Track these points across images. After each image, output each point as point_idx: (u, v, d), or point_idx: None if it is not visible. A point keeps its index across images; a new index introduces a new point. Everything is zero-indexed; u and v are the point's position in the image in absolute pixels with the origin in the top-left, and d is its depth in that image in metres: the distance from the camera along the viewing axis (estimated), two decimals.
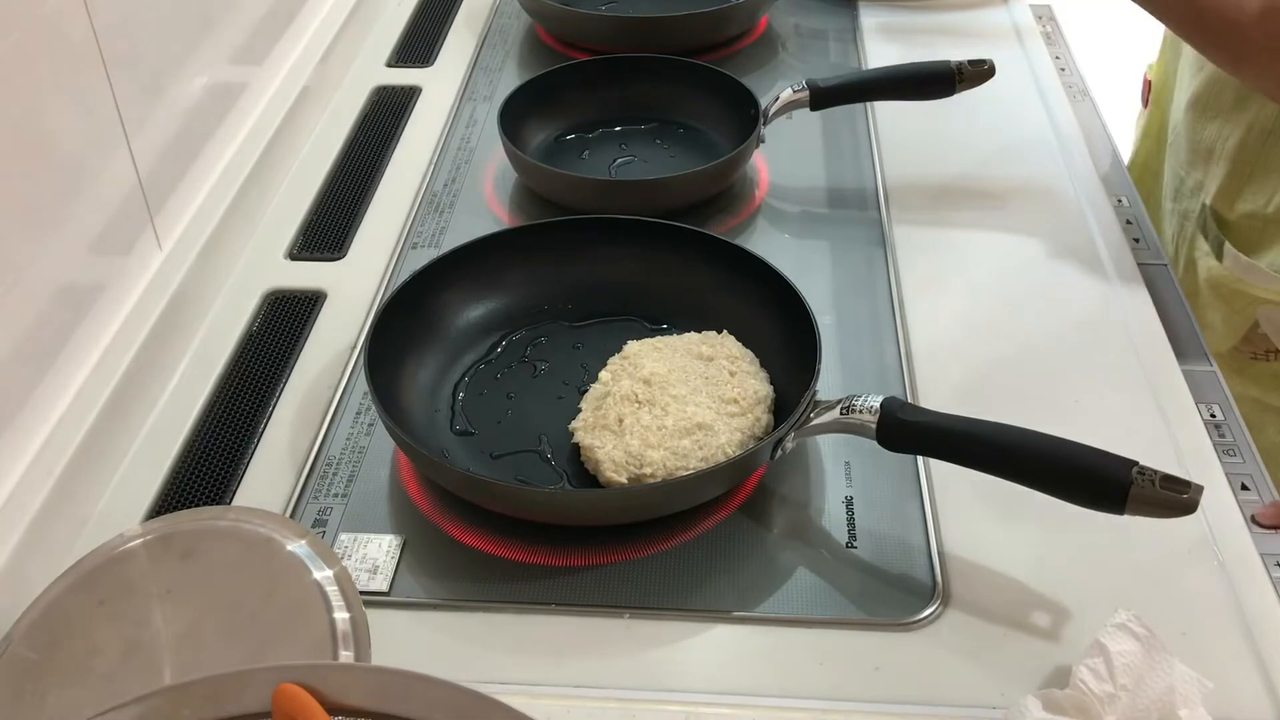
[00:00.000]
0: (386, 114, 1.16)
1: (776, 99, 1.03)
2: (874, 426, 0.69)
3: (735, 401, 0.77)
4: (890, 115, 1.12)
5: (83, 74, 0.80)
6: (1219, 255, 1.04)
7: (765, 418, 0.77)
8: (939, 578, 0.70)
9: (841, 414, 0.71)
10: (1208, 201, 1.05)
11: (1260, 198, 1.00)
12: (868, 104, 1.13)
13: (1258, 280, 1.01)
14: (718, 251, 0.88)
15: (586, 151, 1.08)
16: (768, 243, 0.98)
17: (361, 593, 0.69)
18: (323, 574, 0.64)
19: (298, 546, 0.65)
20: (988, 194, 1.02)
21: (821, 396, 0.73)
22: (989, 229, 0.98)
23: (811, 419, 0.72)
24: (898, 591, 0.69)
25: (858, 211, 1.02)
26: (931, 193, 1.03)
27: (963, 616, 0.68)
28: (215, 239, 0.93)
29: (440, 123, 1.14)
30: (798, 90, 1.03)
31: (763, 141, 1.03)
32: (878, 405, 0.69)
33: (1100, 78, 1.18)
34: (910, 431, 0.68)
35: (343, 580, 0.64)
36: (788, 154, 1.08)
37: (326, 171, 1.07)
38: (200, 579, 0.64)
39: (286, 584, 0.64)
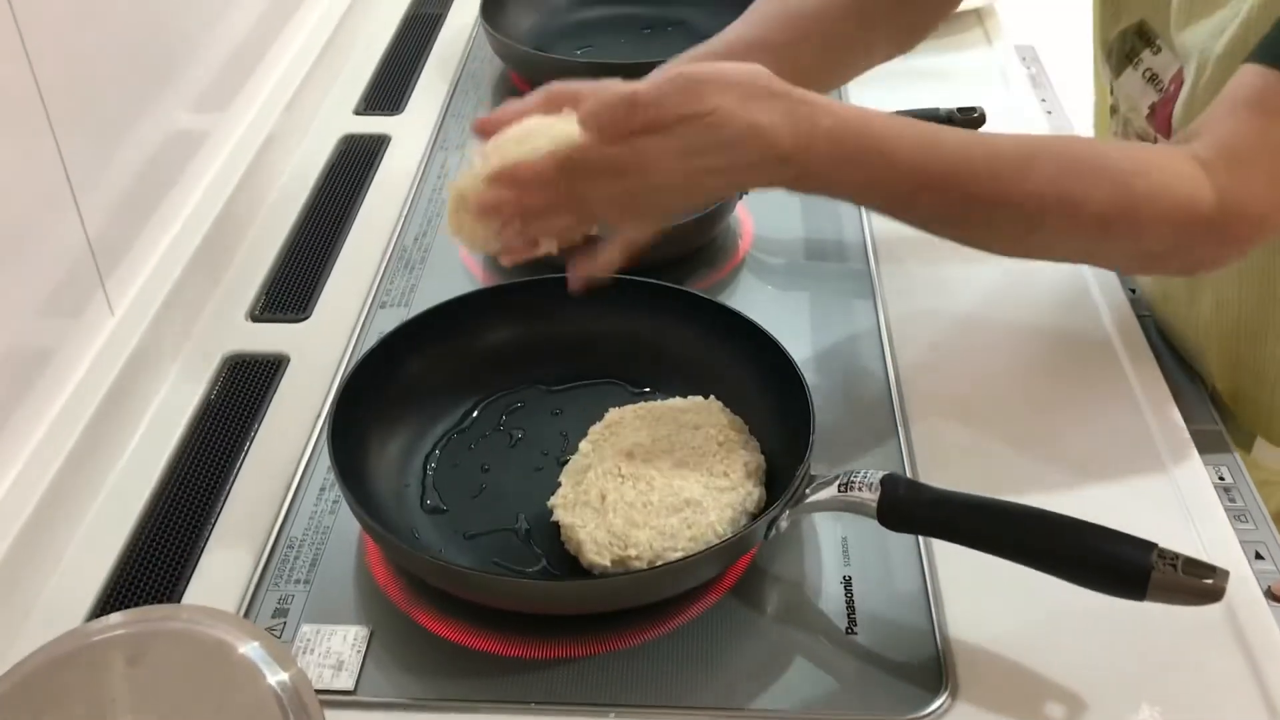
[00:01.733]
0: (354, 164, 1.11)
1: None
2: (874, 505, 0.65)
3: (725, 475, 0.72)
4: None
5: (26, 130, 0.75)
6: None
7: (757, 491, 0.73)
8: (945, 666, 0.65)
9: (840, 491, 0.66)
10: None
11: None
12: None
13: None
14: (702, 310, 0.84)
15: None
16: (753, 297, 0.94)
17: (325, 691, 0.65)
18: (277, 678, 0.59)
19: (250, 649, 0.60)
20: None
21: (816, 470, 0.69)
22: (983, 285, 0.94)
23: (807, 496, 0.68)
24: (901, 682, 0.65)
25: (845, 263, 0.98)
26: (921, 242, 0.98)
27: (972, 710, 0.63)
28: (172, 300, 0.88)
29: (410, 173, 1.10)
30: None
31: (746, 192, 0.99)
32: (878, 482, 0.65)
33: (1088, 121, 1.15)
34: (913, 511, 0.64)
35: (299, 684, 0.59)
36: (772, 205, 1.04)
37: (291, 225, 1.03)
38: (148, 688, 0.59)
39: (239, 691, 0.58)
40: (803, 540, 0.73)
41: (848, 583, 0.70)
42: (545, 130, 0.69)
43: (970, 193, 0.66)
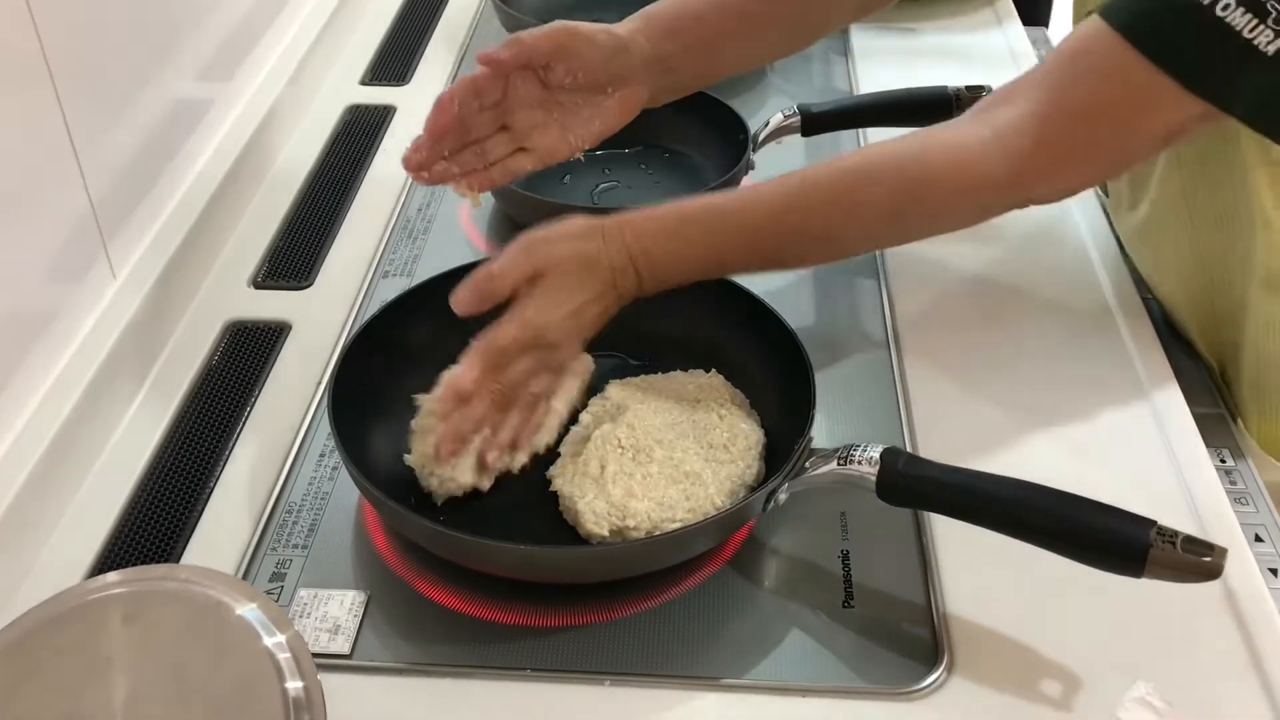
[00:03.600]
0: (359, 134, 1.11)
1: (766, 124, 0.99)
2: (873, 479, 0.65)
3: (725, 448, 0.72)
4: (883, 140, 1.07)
5: (31, 94, 0.75)
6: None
7: (756, 465, 0.72)
8: (942, 641, 0.65)
9: (839, 465, 0.66)
10: None
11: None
12: (860, 130, 1.09)
13: None
14: (704, 284, 0.83)
15: (568, 176, 1.03)
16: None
17: (321, 655, 0.65)
18: (274, 640, 0.59)
19: (248, 610, 0.60)
20: (987, 227, 0.98)
21: (817, 443, 0.69)
22: (989, 263, 0.93)
23: (807, 469, 0.67)
24: (898, 656, 0.65)
25: None
26: None
27: (967, 685, 0.63)
28: (174, 266, 0.88)
29: None
30: (789, 115, 0.99)
31: (752, 168, 0.98)
32: (877, 456, 0.65)
33: None
34: (912, 485, 0.64)
35: (296, 647, 0.59)
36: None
37: (295, 195, 1.03)
38: (144, 646, 0.59)
39: (236, 652, 0.58)
40: (801, 514, 0.73)
41: (845, 557, 0.70)
42: None
43: (774, 230, 0.73)
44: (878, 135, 1.07)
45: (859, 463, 0.65)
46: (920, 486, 0.64)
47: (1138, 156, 0.72)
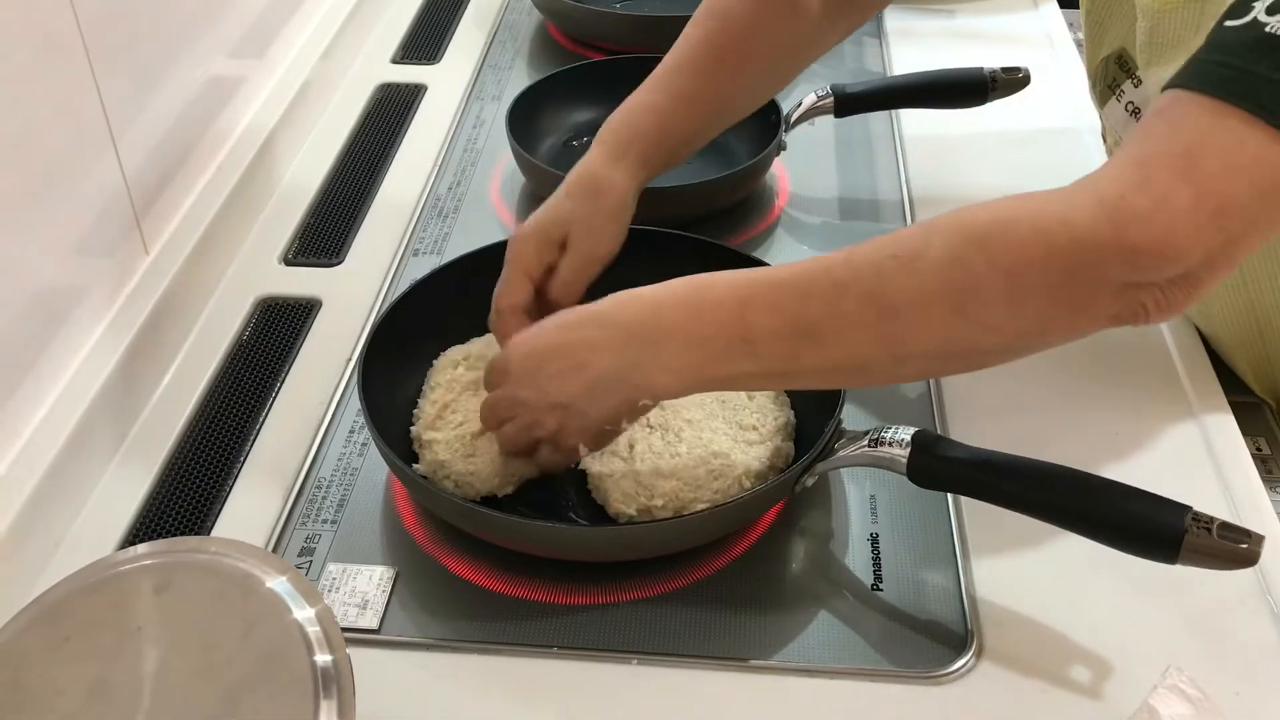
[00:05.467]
0: (390, 113, 1.11)
1: (799, 104, 0.98)
2: (905, 462, 0.64)
3: (754, 429, 0.72)
4: (916, 122, 1.07)
5: (66, 68, 0.75)
6: None
7: (785, 446, 0.72)
8: (971, 625, 0.64)
9: (870, 446, 0.65)
10: None
11: None
12: (895, 112, 1.08)
13: None
14: (735, 266, 0.83)
15: None
16: (788, 255, 0.94)
17: (349, 630, 0.65)
18: (303, 613, 0.59)
19: (278, 583, 0.60)
20: None
21: (847, 425, 0.68)
22: None
23: (836, 451, 0.67)
24: (927, 640, 0.64)
25: (883, 224, 0.97)
26: (962, 204, 0.98)
27: (997, 669, 0.62)
28: (205, 242, 0.88)
29: (446, 123, 1.09)
30: (822, 96, 0.98)
31: (784, 149, 0.98)
32: (909, 439, 0.64)
33: None
34: (944, 469, 0.63)
35: (325, 620, 0.59)
36: (810, 162, 1.03)
37: (325, 172, 1.03)
38: (174, 616, 0.59)
39: (265, 624, 0.59)
40: (830, 496, 0.72)
41: (875, 539, 0.70)
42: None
43: (798, 310, 0.58)
44: (912, 118, 1.06)
45: (890, 445, 0.65)
46: (952, 469, 0.63)
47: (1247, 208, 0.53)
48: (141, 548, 0.62)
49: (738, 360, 0.59)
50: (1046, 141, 1.04)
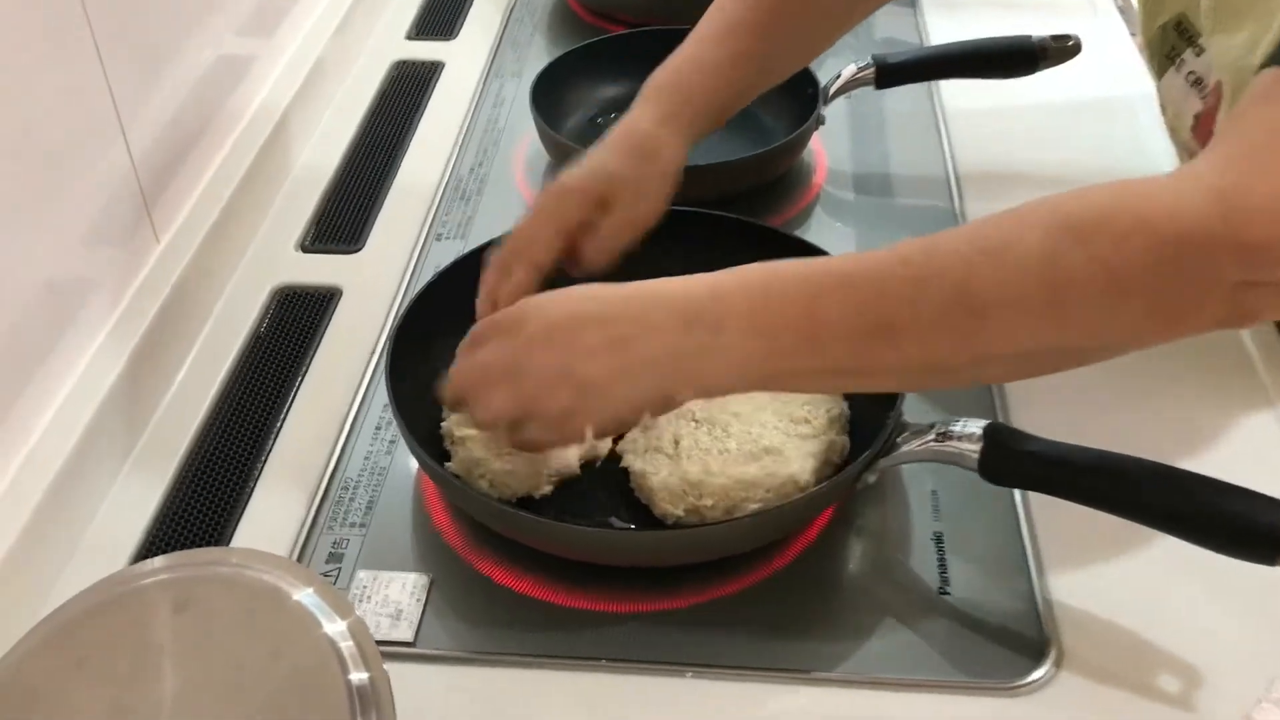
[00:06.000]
0: (407, 91, 1.06)
1: (838, 76, 0.94)
2: (976, 457, 0.60)
3: (806, 421, 0.68)
4: (958, 95, 1.02)
5: (70, 49, 0.71)
6: None
7: (840, 440, 0.68)
8: (1048, 632, 0.60)
9: (937, 441, 0.61)
10: None
11: None
12: (933, 82, 1.03)
13: None
14: (775, 245, 0.78)
15: None
16: (828, 235, 0.89)
17: (383, 643, 0.61)
18: (334, 627, 0.55)
19: (305, 595, 0.56)
20: (1074, 183, 0.92)
21: (908, 417, 0.64)
22: None
23: (899, 446, 0.63)
24: (1001, 648, 0.60)
25: (927, 200, 0.92)
26: (1009, 180, 0.93)
27: (1078, 680, 0.58)
28: (218, 229, 0.84)
29: (465, 101, 1.05)
30: (863, 67, 0.93)
31: (822, 123, 0.93)
32: (980, 432, 0.60)
33: None
34: (1020, 464, 0.59)
35: (358, 633, 0.55)
36: (848, 137, 0.98)
37: (341, 154, 0.98)
38: (198, 634, 0.55)
39: (294, 640, 0.55)
40: (889, 492, 0.68)
41: (939, 539, 0.65)
42: None
43: (873, 305, 0.53)
44: (953, 90, 1.01)
45: (959, 439, 0.60)
46: (1029, 465, 0.59)
47: None
48: (157, 561, 0.58)
49: (802, 355, 0.54)
50: (1097, 113, 1.00)
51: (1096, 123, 0.99)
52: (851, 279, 0.54)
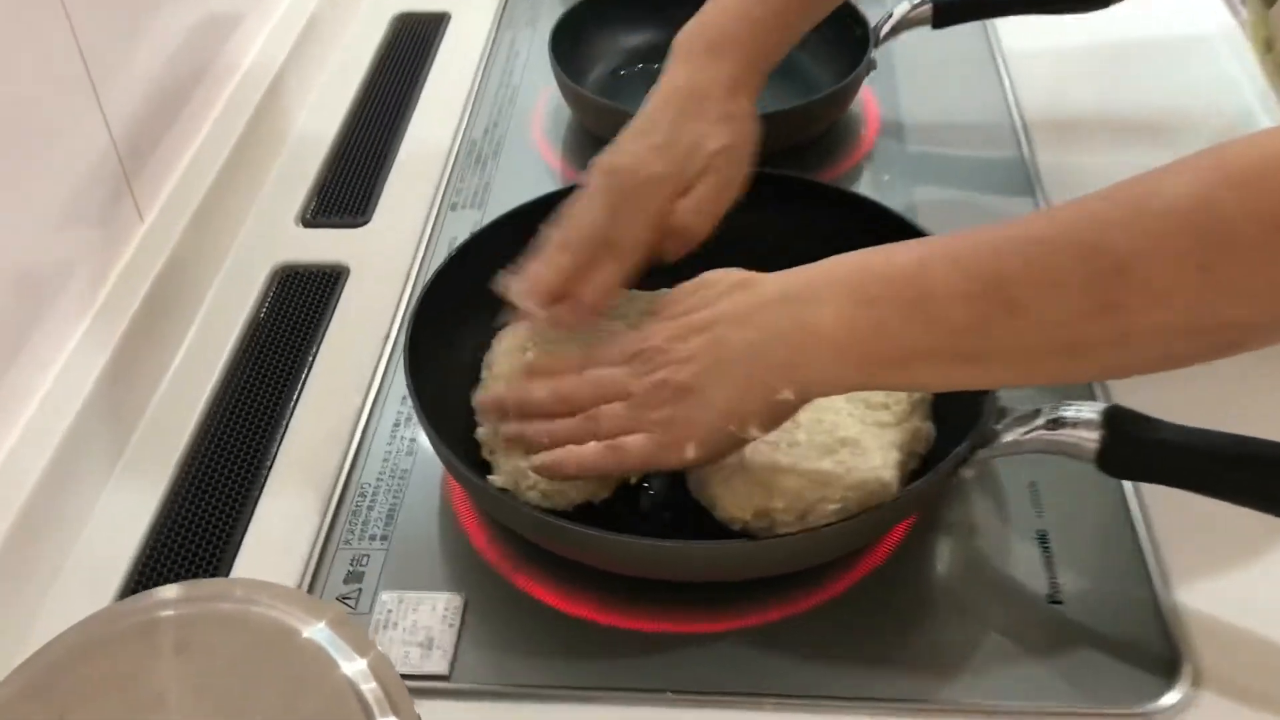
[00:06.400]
0: (411, 46, 0.98)
1: (890, 16, 0.85)
2: (1094, 447, 0.51)
3: (885, 407, 0.59)
4: (1017, 35, 0.93)
5: (37, 17, 0.62)
6: None
7: (925, 427, 0.60)
8: (1179, 647, 0.52)
9: (1048, 429, 0.53)
10: None
11: None
12: (989, 22, 0.94)
13: None
14: (830, 202, 0.70)
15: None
16: (884, 194, 0.80)
17: (413, 677, 0.53)
18: (353, 666, 0.47)
19: (316, 631, 0.48)
20: (1155, 129, 0.83)
21: (1004, 401, 0.56)
22: None
23: (1000, 435, 0.54)
24: (1126, 666, 0.52)
25: (993, 151, 0.84)
26: (1082, 127, 0.85)
27: (1222, 702, 0.50)
28: (210, 204, 0.76)
29: (475, 55, 0.96)
30: (917, 4, 0.84)
31: (873, 68, 0.84)
32: (1099, 418, 0.52)
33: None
34: (1150, 456, 0.51)
35: (380, 672, 0.47)
36: (903, 83, 0.89)
37: (342, 118, 0.90)
38: (199, 680, 0.47)
39: (309, 684, 0.47)
40: (980, 484, 0.60)
41: (1043, 539, 0.57)
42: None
43: (991, 266, 0.45)
44: (1011, 30, 0.92)
45: (1075, 426, 0.52)
46: (1160, 456, 0.51)
47: None
48: (155, 595, 0.50)
49: (911, 330, 0.46)
50: (1173, 52, 0.91)
51: (1171, 63, 0.90)
52: (961, 243, 0.46)
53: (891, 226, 0.66)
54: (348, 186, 0.83)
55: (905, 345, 0.47)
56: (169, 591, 0.50)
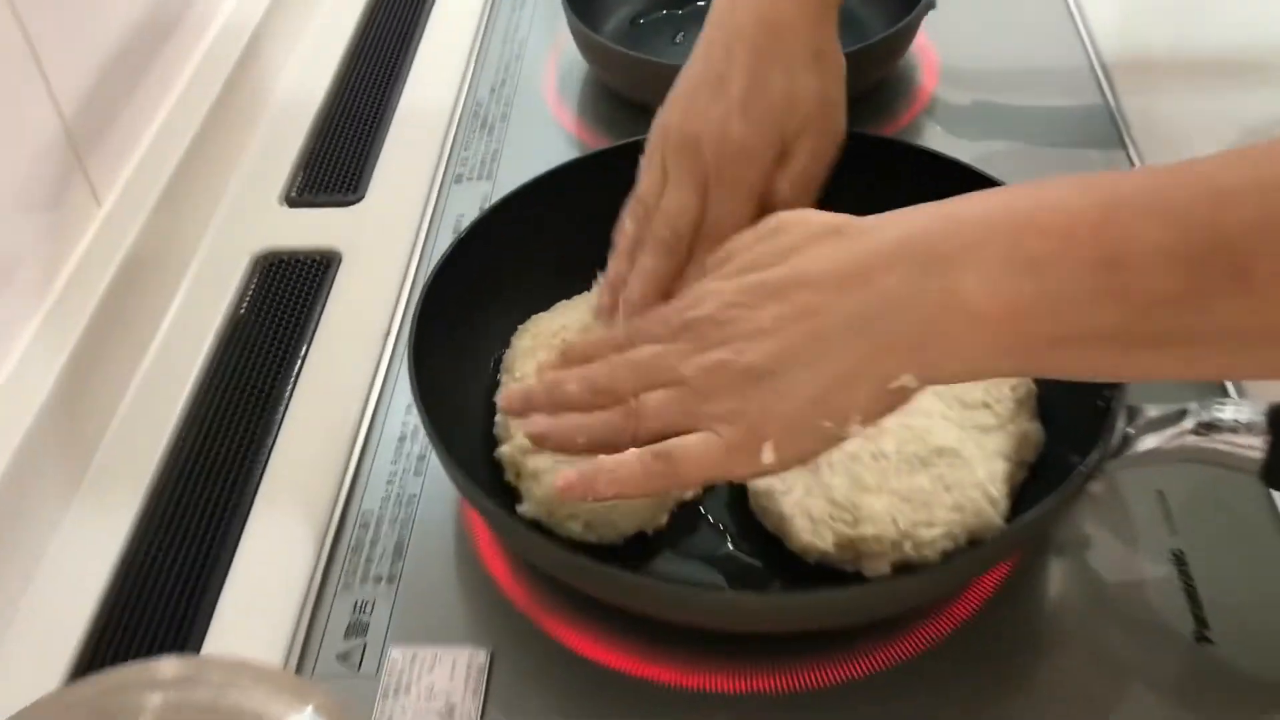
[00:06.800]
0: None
1: None
2: (1260, 457, 0.42)
3: (985, 406, 0.50)
4: None
5: None
6: None
7: (1032, 429, 0.50)
8: None
9: (1198, 434, 0.43)
10: None
11: None
12: None
13: None
14: (936, 177, 0.60)
15: (681, 35, 0.81)
16: (949, 150, 0.70)
17: None
18: None
19: (301, 718, 0.38)
20: (1256, 66, 0.73)
21: (1133, 401, 0.46)
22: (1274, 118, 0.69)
23: (1135, 442, 0.45)
24: None
25: (1069, 99, 0.74)
26: (1172, 69, 0.76)
27: None
28: (178, 185, 0.67)
29: (477, 4, 0.87)
30: None
31: (932, 8, 0.74)
32: (1263, 421, 0.42)
33: None
34: None
35: None
36: (964, 27, 0.79)
37: (329, 81, 0.82)
38: None
39: None
40: (1098, 497, 0.51)
41: (1180, 560, 0.48)
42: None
43: (1207, 216, 0.34)
44: None
45: (1232, 430, 0.43)
46: None
47: None
48: (111, 678, 0.40)
49: (1096, 305, 0.34)
50: None
51: None
52: (1154, 185, 0.34)
53: (968, 186, 0.56)
54: (337, 159, 0.74)
55: (1084, 324, 0.35)
56: (133, 673, 0.41)
